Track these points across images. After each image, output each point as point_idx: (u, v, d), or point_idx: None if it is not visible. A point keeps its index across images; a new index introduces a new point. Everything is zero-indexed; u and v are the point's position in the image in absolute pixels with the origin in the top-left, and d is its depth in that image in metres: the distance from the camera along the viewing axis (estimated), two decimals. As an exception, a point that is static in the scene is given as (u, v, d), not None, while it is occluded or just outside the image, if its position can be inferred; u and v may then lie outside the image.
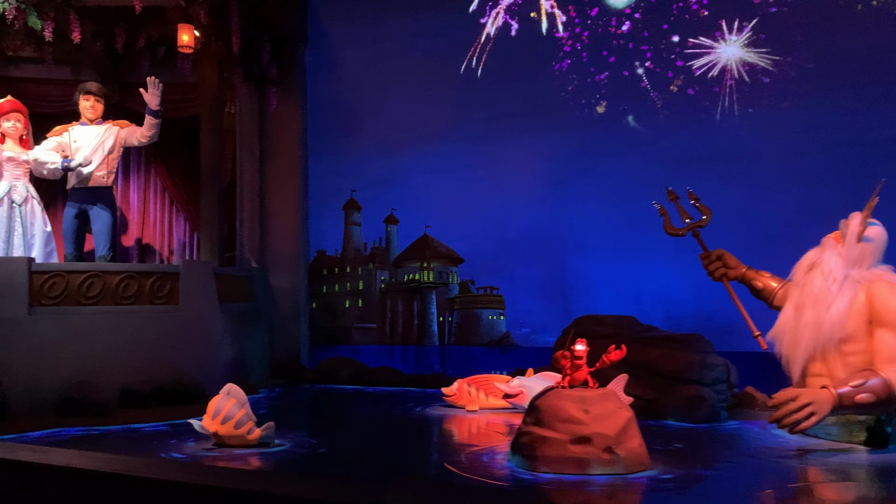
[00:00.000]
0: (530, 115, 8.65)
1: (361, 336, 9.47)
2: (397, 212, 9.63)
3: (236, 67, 8.42)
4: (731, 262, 5.93)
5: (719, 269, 5.90)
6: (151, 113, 7.38)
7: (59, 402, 5.95)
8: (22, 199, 7.12)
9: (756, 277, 5.84)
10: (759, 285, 5.85)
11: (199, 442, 4.84)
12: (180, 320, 6.86)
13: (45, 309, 6.21)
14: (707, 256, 5.91)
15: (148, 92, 7.33)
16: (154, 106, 7.35)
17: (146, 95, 7.34)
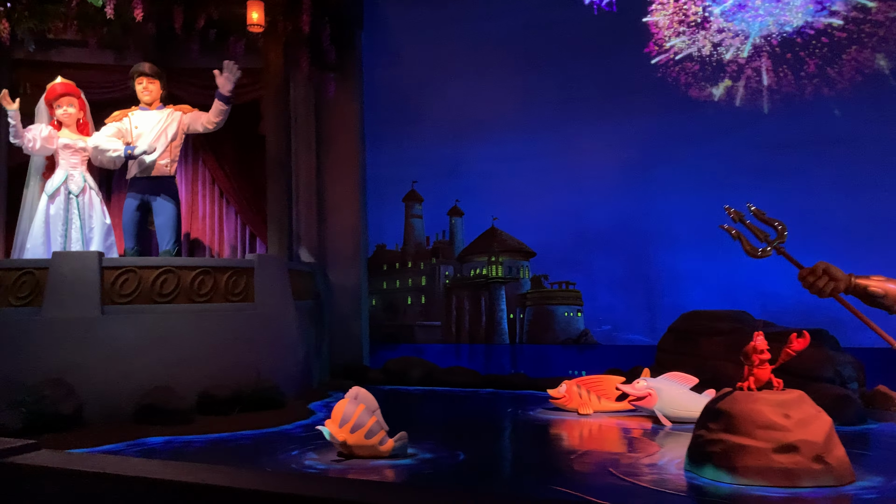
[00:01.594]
0: (609, 98, 8.17)
1: (425, 334, 8.99)
2: (462, 203, 9.17)
3: (304, 49, 7.89)
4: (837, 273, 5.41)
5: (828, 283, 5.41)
6: (222, 98, 6.88)
7: (138, 410, 5.44)
8: (79, 190, 6.60)
9: (869, 283, 5.34)
10: (877, 291, 5.31)
11: (319, 452, 4.33)
12: (256, 319, 6.35)
13: (118, 308, 5.69)
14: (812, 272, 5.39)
15: (222, 75, 6.81)
16: (226, 91, 6.85)
17: (219, 79, 6.83)
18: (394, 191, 9.38)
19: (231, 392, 5.86)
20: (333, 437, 4.10)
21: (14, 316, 5.56)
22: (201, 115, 7.04)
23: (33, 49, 7.85)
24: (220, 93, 6.87)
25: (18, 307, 5.60)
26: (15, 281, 5.64)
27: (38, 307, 5.56)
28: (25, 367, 5.40)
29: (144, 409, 5.42)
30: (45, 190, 6.51)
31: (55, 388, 5.21)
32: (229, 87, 6.86)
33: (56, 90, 6.73)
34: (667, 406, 5.17)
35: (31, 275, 5.64)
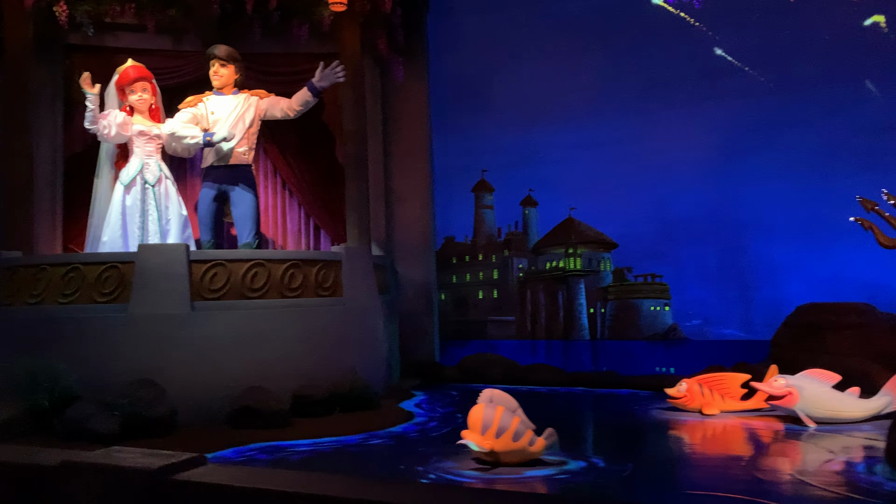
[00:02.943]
0: (694, 81, 7.73)
1: (498, 330, 8.62)
2: (536, 193, 8.74)
3: (381, 30, 7.54)
4: None
5: None
6: (312, 89, 6.59)
7: (233, 412, 5.12)
8: (155, 179, 6.28)
9: None
10: None
11: (454, 458, 3.97)
12: (346, 314, 6.02)
13: (208, 304, 5.37)
14: None
15: (325, 70, 6.56)
16: (319, 86, 6.58)
17: (320, 72, 6.58)
18: (462, 181, 8.95)
19: (327, 392, 5.53)
20: (479, 448, 3.73)
21: (99, 313, 5.26)
22: (280, 100, 6.71)
23: (92, 33, 7.57)
24: (313, 83, 6.58)
25: (103, 304, 5.29)
26: (99, 276, 5.34)
27: (125, 303, 5.26)
28: (113, 368, 5.11)
29: (240, 412, 5.10)
30: (121, 180, 6.20)
31: (148, 390, 4.91)
32: (325, 84, 6.60)
33: (129, 74, 6.42)
34: (810, 406, 4.78)
35: (115, 269, 5.34)
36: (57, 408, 4.90)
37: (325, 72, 6.56)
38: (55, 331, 5.25)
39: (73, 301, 5.31)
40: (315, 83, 6.57)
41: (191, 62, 7.98)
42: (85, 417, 4.69)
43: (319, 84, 6.57)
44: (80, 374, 5.03)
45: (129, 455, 2.71)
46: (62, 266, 5.41)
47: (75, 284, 5.32)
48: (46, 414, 4.91)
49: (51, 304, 5.37)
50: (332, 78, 6.56)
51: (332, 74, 6.54)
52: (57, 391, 4.92)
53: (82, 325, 5.22)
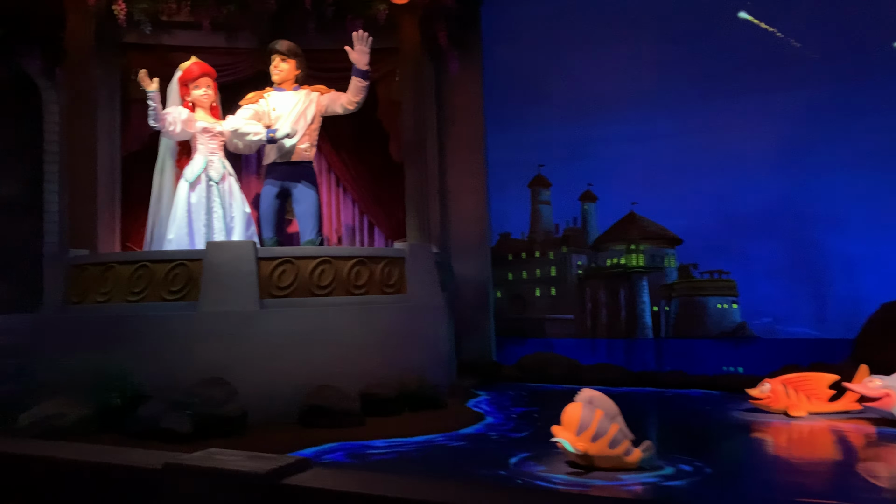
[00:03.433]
0: (760, 68, 7.49)
1: (556, 328, 8.47)
2: (595, 187, 8.59)
3: (441, 22, 7.43)
4: None
5: None
6: (359, 74, 6.45)
7: (304, 411, 5.05)
8: (219, 177, 6.26)
9: None
10: None
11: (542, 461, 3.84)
12: (410, 311, 5.92)
13: (276, 301, 5.32)
14: None
15: (354, 50, 6.39)
16: (362, 65, 6.42)
17: (353, 54, 6.40)
18: (518, 176, 8.84)
19: (395, 391, 5.44)
20: (574, 448, 3.60)
21: (168, 311, 5.23)
22: (340, 95, 6.64)
23: (149, 31, 7.59)
24: (356, 69, 6.44)
25: (172, 301, 5.26)
26: (167, 273, 5.31)
27: (194, 301, 5.22)
28: (182, 366, 5.08)
29: (312, 411, 5.03)
30: (185, 177, 6.18)
31: (219, 388, 4.86)
32: (365, 60, 6.43)
33: (194, 71, 6.41)
34: (909, 408, 4.56)
35: (183, 267, 5.31)
36: (127, 407, 4.89)
37: (354, 52, 6.43)
38: (124, 329, 5.24)
39: (141, 299, 5.30)
40: (357, 66, 6.46)
41: (245, 59, 7.97)
42: (157, 416, 4.66)
43: (361, 64, 6.45)
44: (149, 372, 5.02)
45: (231, 458, 2.64)
46: (131, 264, 5.40)
47: (144, 282, 5.31)
48: (117, 413, 4.90)
49: (119, 303, 5.36)
50: (363, 48, 6.42)
51: (362, 46, 6.40)
52: (127, 390, 4.91)
53: (151, 323, 5.20)
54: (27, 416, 4.82)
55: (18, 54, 7.50)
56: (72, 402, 4.93)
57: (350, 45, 7.44)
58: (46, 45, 7.57)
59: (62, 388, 5.20)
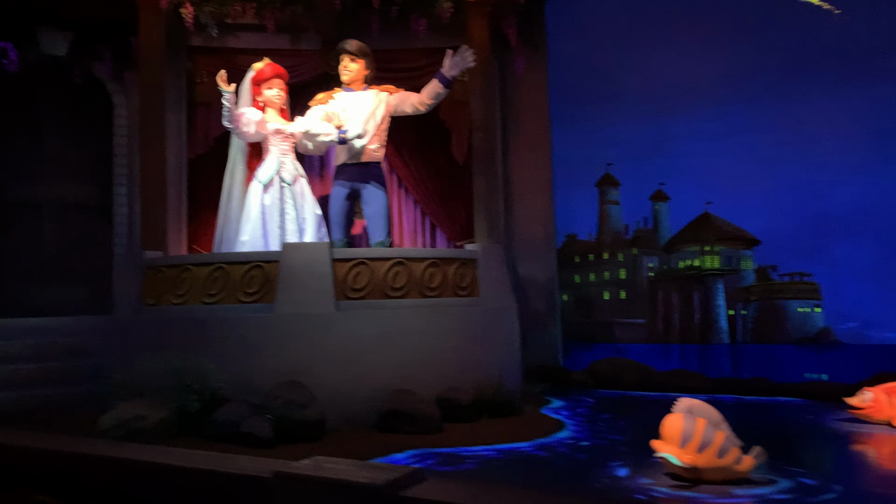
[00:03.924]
0: (845, 61, 7.20)
1: (626, 333, 8.28)
2: (667, 187, 8.44)
3: (511, 19, 7.32)
4: None
5: None
6: (443, 80, 6.40)
7: (381, 416, 4.98)
8: (292, 178, 6.26)
9: None
10: None
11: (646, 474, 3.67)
12: (484, 315, 5.82)
13: (352, 303, 5.27)
14: None
15: (453, 58, 6.34)
16: (450, 75, 6.38)
17: (448, 60, 6.37)
18: (585, 175, 8.76)
19: (472, 397, 5.34)
20: (680, 462, 3.42)
21: (244, 312, 5.22)
22: (410, 95, 6.58)
23: (216, 34, 7.68)
24: (443, 74, 6.38)
25: (248, 303, 5.26)
26: (243, 275, 5.31)
27: (270, 303, 5.20)
28: (258, 369, 5.07)
29: (389, 416, 4.96)
30: (259, 178, 6.19)
31: (298, 392, 4.82)
32: (455, 73, 6.39)
33: (267, 71, 6.43)
34: None
35: (259, 268, 5.30)
36: (206, 409, 4.89)
37: (454, 58, 6.37)
38: (200, 331, 5.25)
39: (218, 301, 5.31)
40: (445, 73, 6.39)
41: (308, 61, 8.00)
42: (237, 420, 4.64)
43: (450, 73, 6.38)
44: (225, 374, 5.01)
45: (342, 467, 2.57)
46: (207, 266, 5.42)
47: (220, 284, 5.32)
48: (196, 415, 4.90)
49: (196, 304, 5.38)
50: (462, 64, 6.36)
51: (462, 61, 6.34)
52: (206, 392, 4.90)
53: (227, 325, 5.20)
54: (107, 418, 4.84)
55: (88, 59, 7.64)
56: (151, 404, 4.94)
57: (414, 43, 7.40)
58: (116, 50, 7.72)
59: (140, 389, 5.24)
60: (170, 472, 2.76)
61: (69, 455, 3.86)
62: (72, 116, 7.79)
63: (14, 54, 7.16)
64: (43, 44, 7.42)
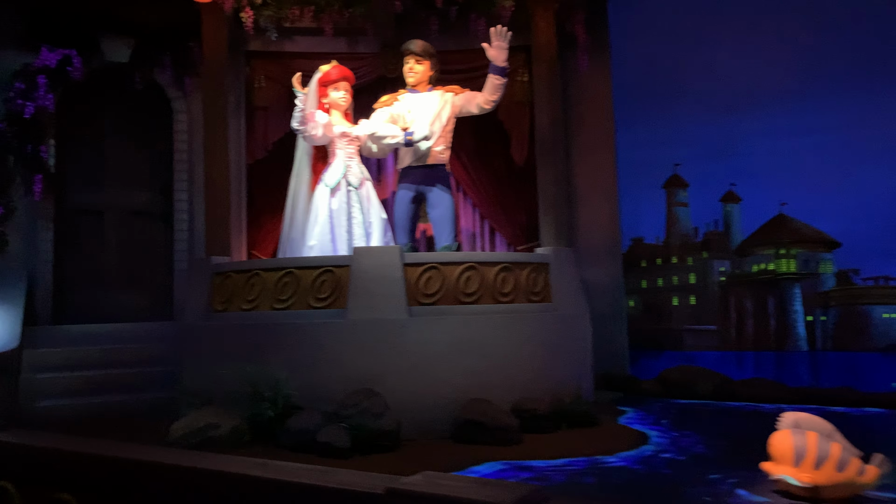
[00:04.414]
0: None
1: (696, 340, 8.11)
2: (739, 187, 8.47)
3: (580, 15, 7.17)
4: None
5: None
6: (497, 71, 6.25)
7: (458, 426, 4.87)
8: (358, 182, 6.22)
9: None
10: None
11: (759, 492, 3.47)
12: (557, 321, 5.67)
13: (424, 308, 5.18)
14: None
15: (492, 46, 6.20)
16: (500, 62, 6.23)
17: (490, 51, 6.22)
18: (651, 177, 8.96)
19: (549, 406, 5.19)
20: (800, 482, 3.21)
21: (316, 318, 5.17)
22: (475, 95, 6.47)
23: (276, 38, 7.70)
24: (494, 66, 6.25)
25: (320, 309, 5.20)
26: (314, 280, 5.25)
27: (342, 309, 5.14)
28: (331, 375, 5.02)
29: (466, 426, 4.84)
30: (326, 182, 6.15)
31: (373, 400, 4.73)
32: (504, 57, 6.24)
33: (334, 74, 6.40)
34: None
35: (330, 273, 5.24)
36: (278, 418, 4.83)
37: (492, 49, 6.23)
38: (271, 337, 5.22)
39: (288, 307, 5.27)
40: (496, 63, 6.27)
41: (366, 64, 7.97)
42: (314, 429, 4.58)
43: (500, 60, 6.25)
44: (297, 381, 4.96)
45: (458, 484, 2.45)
46: (276, 271, 5.38)
47: (290, 289, 5.28)
48: (269, 424, 4.84)
49: (266, 310, 5.34)
50: (503, 45, 6.22)
51: (500, 42, 6.20)
52: (279, 400, 4.85)
53: (298, 331, 5.15)
54: (179, 426, 4.82)
55: (149, 65, 7.71)
56: (222, 411, 4.92)
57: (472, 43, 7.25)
58: (176, 55, 7.78)
59: (209, 396, 5.22)
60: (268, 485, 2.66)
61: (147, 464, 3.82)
62: (133, 123, 7.86)
63: (78, 62, 7.25)
64: (106, 51, 7.50)
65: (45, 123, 7.28)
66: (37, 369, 6.33)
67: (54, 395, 6.22)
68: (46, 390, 6.23)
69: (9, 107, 7.14)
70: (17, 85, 7.17)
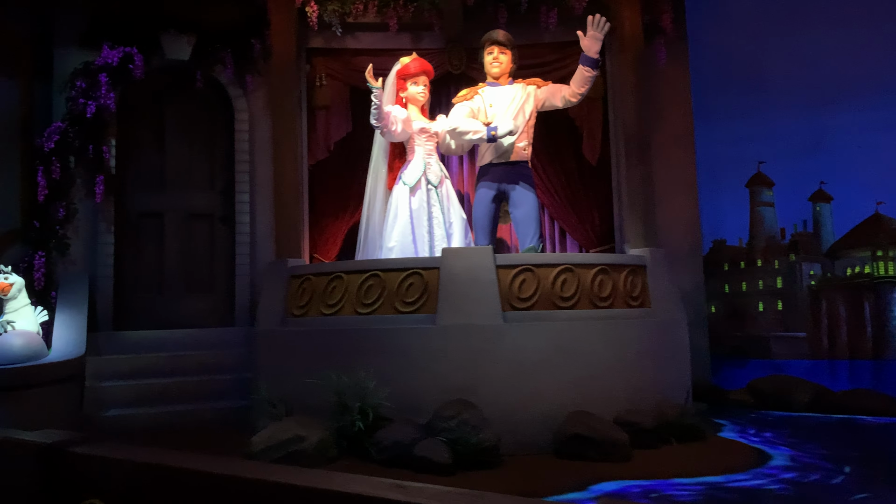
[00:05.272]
0: None
1: (784, 347, 7.65)
2: (829, 186, 7.79)
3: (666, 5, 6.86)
4: None
5: None
6: (589, 63, 5.97)
7: (561, 441, 4.57)
8: (437, 180, 5.97)
9: None
10: None
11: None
12: (658, 328, 5.35)
13: (518, 314, 4.88)
14: None
15: (586, 35, 5.91)
16: (593, 53, 5.94)
17: (584, 40, 5.94)
18: (733, 175, 8.21)
19: (654, 419, 4.86)
20: None
21: (404, 324, 4.91)
22: (560, 87, 6.19)
23: (339, 33, 7.50)
24: (586, 57, 5.96)
25: (407, 314, 4.93)
26: (400, 283, 4.99)
27: (431, 314, 4.87)
28: (421, 384, 4.77)
29: (571, 440, 4.53)
30: (405, 180, 5.91)
31: (471, 412, 4.45)
32: (597, 48, 5.96)
33: (413, 67, 6.15)
34: None
35: (418, 276, 4.98)
36: (367, 430, 4.57)
37: (586, 38, 5.94)
38: (354, 343, 4.98)
39: (373, 311, 5.01)
40: (589, 53, 5.98)
41: (430, 60, 7.70)
42: (409, 442, 4.33)
43: (593, 51, 5.97)
44: (384, 390, 4.68)
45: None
46: (360, 273, 5.13)
47: (375, 293, 5.02)
48: (357, 436, 4.58)
49: (349, 315, 5.08)
50: (598, 36, 5.94)
51: (595, 32, 5.91)
52: (368, 410, 4.58)
53: (384, 337, 4.90)
54: (261, 438, 4.58)
55: (210, 63, 7.53)
56: (306, 422, 4.67)
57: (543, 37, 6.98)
58: (237, 53, 7.59)
59: (289, 406, 4.98)
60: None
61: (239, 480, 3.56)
62: (192, 123, 7.69)
63: (139, 59, 7.10)
64: (166, 49, 7.35)
65: (107, 123, 7.17)
66: (101, 377, 6.17)
67: (120, 403, 6.05)
68: (112, 399, 6.06)
69: (70, 106, 7.03)
70: (79, 83, 7.06)
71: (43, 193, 6.82)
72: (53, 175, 6.88)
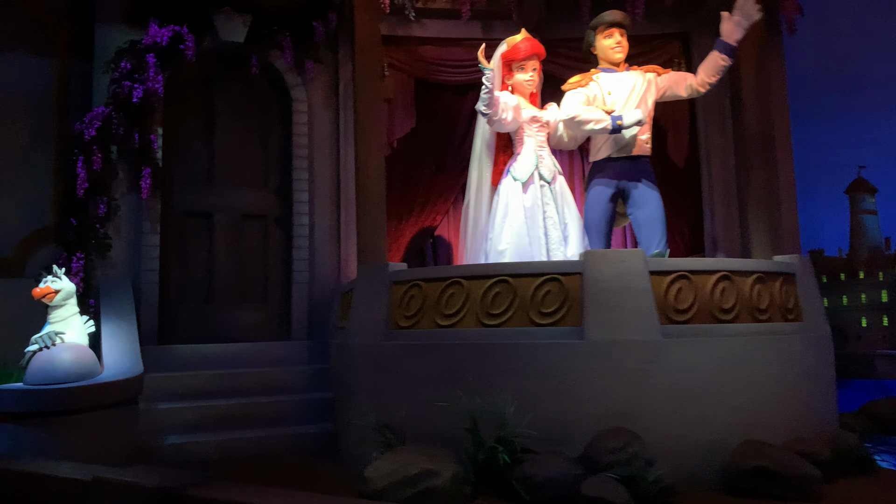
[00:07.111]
0: None
1: (890, 366, 7.17)
2: (943, 192, 7.28)
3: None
4: None
5: None
6: (726, 50, 5.45)
7: (738, 475, 3.99)
8: (551, 176, 5.42)
9: None
10: None
11: None
12: (815, 344, 4.82)
13: (677, 328, 4.33)
14: None
15: (732, 18, 5.38)
16: (733, 40, 5.42)
17: (727, 24, 5.42)
18: (831, 181, 8.03)
19: (829, 449, 4.31)
20: None
21: (541, 337, 4.30)
22: (685, 76, 5.67)
23: (414, 17, 7.03)
24: (724, 43, 5.45)
25: (545, 326, 4.33)
26: (535, 291, 4.39)
27: (575, 327, 4.28)
28: (564, 409, 4.20)
29: (749, 474, 3.96)
30: (515, 175, 5.36)
31: (638, 443, 3.86)
32: (738, 36, 5.41)
33: (525, 48, 5.57)
34: None
35: (556, 282, 4.39)
36: (511, 462, 3.94)
37: (729, 22, 5.40)
38: (480, 360, 4.39)
39: (503, 323, 4.41)
40: (727, 39, 5.46)
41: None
42: (568, 479, 3.74)
43: (734, 38, 5.45)
44: (522, 416, 4.07)
45: None
46: (483, 279, 4.52)
47: (504, 301, 4.43)
48: (496, 469, 3.95)
49: (472, 327, 4.46)
50: (747, 22, 5.38)
51: (741, 19, 5.35)
52: (510, 440, 3.96)
53: (519, 353, 4.31)
54: (381, 473, 3.92)
55: (265, 47, 6.91)
56: (430, 453, 4.03)
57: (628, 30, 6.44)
58: (297, 36, 6.99)
59: (400, 432, 4.34)
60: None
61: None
62: (246, 113, 7.08)
63: (190, 40, 6.45)
64: (220, 29, 6.72)
65: (154, 109, 6.50)
66: (155, 398, 5.47)
67: (179, 429, 5.39)
68: (170, 424, 5.39)
69: (114, 89, 6.36)
70: (124, 64, 6.39)
71: (83, 187, 6.11)
72: (94, 166, 6.18)
